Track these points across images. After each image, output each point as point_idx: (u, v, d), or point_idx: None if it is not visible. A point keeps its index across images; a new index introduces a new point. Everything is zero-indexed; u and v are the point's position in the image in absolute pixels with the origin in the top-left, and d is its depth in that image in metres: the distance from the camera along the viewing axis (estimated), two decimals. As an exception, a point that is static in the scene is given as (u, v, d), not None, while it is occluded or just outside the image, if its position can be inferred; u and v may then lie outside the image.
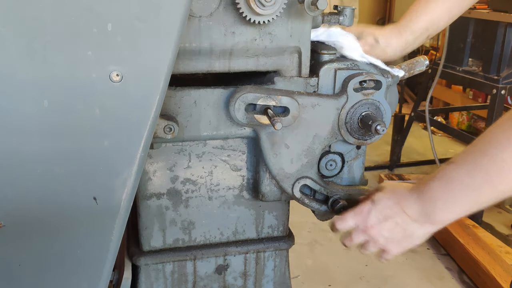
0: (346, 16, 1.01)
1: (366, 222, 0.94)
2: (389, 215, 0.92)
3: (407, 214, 0.89)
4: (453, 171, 0.82)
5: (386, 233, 0.93)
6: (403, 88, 4.80)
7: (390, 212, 0.91)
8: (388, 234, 0.93)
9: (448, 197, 0.83)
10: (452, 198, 0.83)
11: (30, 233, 0.80)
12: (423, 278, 2.67)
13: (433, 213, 0.86)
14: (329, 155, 1.08)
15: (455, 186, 0.82)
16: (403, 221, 0.90)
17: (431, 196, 0.85)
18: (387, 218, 0.92)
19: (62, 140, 0.75)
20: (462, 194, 0.81)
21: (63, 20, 0.68)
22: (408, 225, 0.90)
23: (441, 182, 0.83)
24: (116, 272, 1.17)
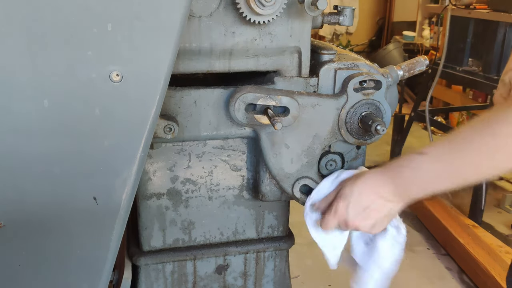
0: (346, 16, 1.01)
1: (347, 217, 0.96)
2: (366, 204, 0.94)
3: (382, 197, 0.93)
4: (426, 164, 0.87)
5: (368, 220, 0.96)
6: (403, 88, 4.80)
7: (366, 200, 0.94)
8: (370, 220, 0.96)
9: (423, 185, 0.90)
10: (426, 186, 0.89)
11: (30, 233, 0.80)
12: (423, 278, 2.67)
13: (407, 196, 0.92)
14: (329, 155, 1.08)
15: (429, 177, 0.88)
16: (380, 205, 0.94)
17: (406, 183, 0.91)
18: (365, 208, 0.94)
19: (62, 140, 0.75)
20: (435, 183, 0.88)
21: (63, 20, 0.68)
22: (385, 207, 0.94)
23: (414, 172, 0.89)
24: (116, 272, 1.17)
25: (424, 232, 3.16)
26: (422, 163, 0.88)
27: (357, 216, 0.95)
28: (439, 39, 4.26)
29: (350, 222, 0.96)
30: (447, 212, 3.10)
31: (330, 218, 0.98)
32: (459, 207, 3.34)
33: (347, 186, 0.97)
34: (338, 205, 0.96)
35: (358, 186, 0.95)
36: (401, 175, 0.91)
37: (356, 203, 0.94)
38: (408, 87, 6.01)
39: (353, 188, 0.95)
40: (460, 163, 0.83)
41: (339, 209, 0.96)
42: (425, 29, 6.30)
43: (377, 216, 0.95)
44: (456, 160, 0.83)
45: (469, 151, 0.82)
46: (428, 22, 6.34)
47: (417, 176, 0.89)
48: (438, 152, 0.87)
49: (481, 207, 3.12)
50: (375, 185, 0.94)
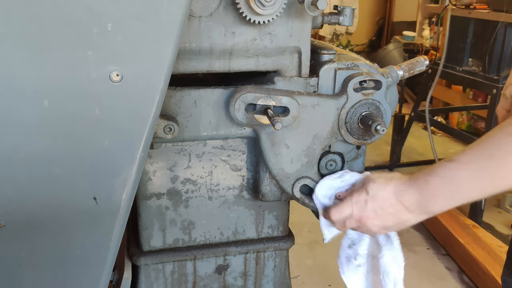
0: (346, 16, 1.01)
1: (362, 213, 0.95)
2: (386, 207, 0.92)
3: (404, 206, 0.91)
4: (457, 171, 0.84)
5: (380, 221, 0.94)
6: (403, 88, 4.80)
7: (387, 204, 0.92)
8: (382, 222, 0.94)
9: (450, 195, 0.86)
10: (454, 196, 0.86)
11: (30, 233, 0.80)
12: (423, 278, 2.67)
13: (432, 207, 0.89)
14: (329, 155, 1.08)
15: (459, 186, 0.84)
16: (398, 212, 0.92)
17: (432, 193, 0.87)
18: (383, 209, 0.93)
19: (62, 140, 0.75)
20: (465, 193, 0.85)
21: (63, 20, 0.68)
22: (403, 215, 0.92)
23: (444, 180, 0.85)
24: (116, 272, 1.17)
25: (424, 232, 3.16)
26: (451, 170, 0.84)
27: (372, 216, 0.93)
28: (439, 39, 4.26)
29: (364, 218, 0.94)
30: (447, 212, 3.10)
31: (346, 206, 0.96)
32: (459, 207, 3.34)
33: (375, 184, 0.95)
34: (360, 197, 0.95)
35: (386, 189, 0.93)
36: (428, 185, 0.87)
37: (378, 204, 0.93)
38: (408, 87, 6.01)
39: (380, 189, 0.93)
40: (493, 168, 0.80)
41: (360, 201, 0.95)
42: (425, 29, 6.30)
43: (391, 222, 0.93)
44: (489, 165, 0.81)
45: (503, 155, 0.79)
46: (428, 22, 6.34)
47: (445, 184, 0.85)
48: (468, 158, 0.84)
49: (481, 207, 3.13)
50: (400, 191, 0.91)
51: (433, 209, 0.89)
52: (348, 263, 1.03)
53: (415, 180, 0.90)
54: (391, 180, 0.94)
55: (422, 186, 0.88)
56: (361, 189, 0.96)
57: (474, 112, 4.71)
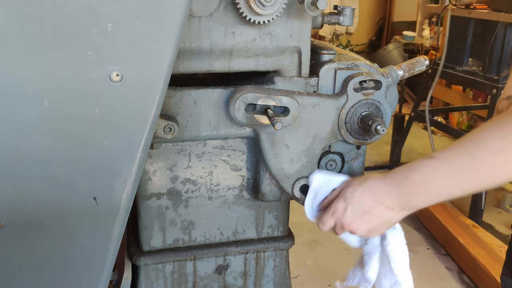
0: (346, 16, 1.01)
1: (343, 220, 0.94)
2: (365, 209, 0.92)
3: (384, 205, 0.90)
4: (437, 169, 0.83)
5: (365, 225, 0.94)
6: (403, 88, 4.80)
7: (366, 206, 0.92)
8: (367, 225, 0.94)
9: (430, 192, 0.86)
10: (435, 192, 0.85)
11: (30, 233, 0.80)
12: (423, 278, 2.67)
13: (412, 203, 0.89)
14: (329, 155, 1.08)
15: (439, 183, 0.84)
16: (380, 211, 0.91)
17: (412, 190, 0.87)
18: (364, 212, 0.92)
19: (62, 140, 0.75)
20: (445, 190, 0.84)
21: (63, 20, 0.68)
22: (385, 214, 0.91)
23: (423, 177, 0.85)
24: (116, 272, 1.17)
25: (424, 232, 3.16)
26: (431, 166, 0.84)
27: (354, 220, 0.93)
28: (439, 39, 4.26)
29: (346, 225, 0.94)
30: (447, 212, 3.10)
31: (327, 217, 0.97)
32: (459, 207, 3.34)
33: (350, 188, 0.95)
34: (338, 205, 0.95)
35: (360, 190, 0.92)
36: (407, 181, 0.87)
37: (356, 207, 0.93)
38: (408, 87, 6.01)
39: (355, 191, 0.93)
40: (474, 166, 0.79)
41: (338, 209, 0.95)
42: (425, 29, 6.31)
43: (376, 222, 0.93)
44: (469, 163, 0.80)
45: (483, 154, 0.78)
46: (428, 22, 6.34)
47: (425, 181, 0.85)
48: (449, 155, 0.83)
49: (481, 207, 3.13)
50: (377, 191, 0.91)
51: (414, 205, 0.89)
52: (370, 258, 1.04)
53: (392, 177, 0.90)
54: (365, 180, 0.93)
55: (401, 183, 0.88)
56: (339, 196, 0.96)
57: (474, 112, 4.71)
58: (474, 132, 0.83)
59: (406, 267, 0.99)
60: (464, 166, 0.81)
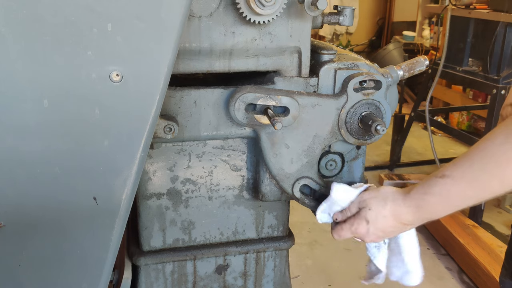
0: (346, 16, 1.01)
1: (364, 238, 0.99)
2: (386, 230, 0.96)
3: (402, 223, 0.95)
4: (451, 187, 0.87)
5: (382, 238, 1.00)
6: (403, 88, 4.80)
7: (387, 227, 0.96)
8: (383, 238, 1.00)
9: (447, 209, 0.90)
10: (451, 208, 0.89)
11: (30, 233, 0.80)
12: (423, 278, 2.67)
13: (429, 219, 0.93)
14: (329, 155, 1.08)
15: (455, 200, 0.88)
16: (399, 228, 0.97)
17: (430, 210, 0.91)
18: (384, 231, 0.97)
19: (62, 140, 0.75)
20: (460, 205, 0.88)
21: (63, 20, 0.68)
22: (402, 229, 0.98)
23: (440, 198, 0.88)
24: (116, 272, 1.17)
25: (424, 232, 3.16)
26: (446, 187, 0.87)
27: (375, 238, 0.98)
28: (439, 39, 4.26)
29: (366, 239, 0.99)
30: (447, 212, 3.10)
31: (346, 232, 1.00)
32: (459, 207, 3.34)
33: (372, 210, 0.96)
34: (360, 227, 0.97)
35: (383, 214, 0.95)
36: (427, 203, 0.90)
37: (378, 229, 0.96)
38: (408, 87, 6.02)
39: (378, 215, 0.95)
40: (485, 178, 0.83)
41: (359, 230, 0.98)
42: (425, 29, 6.31)
43: (393, 234, 0.99)
44: (481, 177, 0.83)
45: (492, 167, 0.82)
46: (428, 22, 6.34)
47: (443, 201, 0.89)
48: (460, 172, 0.86)
49: (481, 207, 3.12)
50: (400, 214, 0.94)
51: (430, 220, 0.93)
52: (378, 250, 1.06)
53: (410, 199, 0.93)
54: (386, 202, 0.95)
55: (419, 204, 0.91)
56: (359, 217, 0.98)
57: (474, 112, 4.71)
58: (481, 144, 0.86)
59: (416, 258, 1.03)
60: (475, 180, 0.84)
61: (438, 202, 0.89)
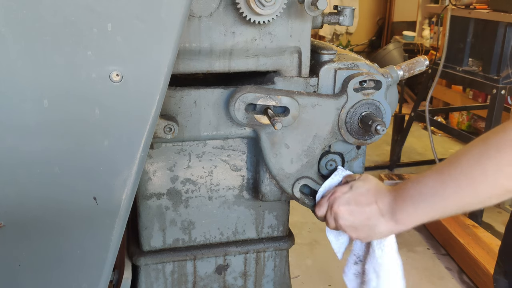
0: (346, 16, 1.01)
1: (336, 200, 0.97)
2: (360, 202, 0.95)
3: (378, 206, 0.92)
4: (428, 178, 0.86)
5: (351, 217, 0.96)
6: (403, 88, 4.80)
7: (363, 199, 0.94)
8: (352, 218, 0.96)
9: (418, 201, 0.87)
10: (421, 202, 0.86)
11: (30, 233, 0.80)
12: (423, 278, 2.67)
13: (399, 212, 0.90)
14: (329, 155, 1.08)
15: (427, 191, 0.85)
16: (371, 212, 0.93)
17: (403, 196, 0.89)
18: (357, 203, 0.95)
19: (62, 140, 0.75)
20: (431, 200, 0.85)
21: (63, 20, 0.68)
22: (373, 217, 0.93)
23: (415, 186, 0.87)
24: (116, 272, 1.17)
25: (424, 232, 3.16)
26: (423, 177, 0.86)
27: (345, 206, 0.96)
28: (439, 39, 4.26)
29: (336, 207, 0.97)
30: (447, 212, 3.10)
31: (325, 199, 1.00)
32: (459, 207, 3.34)
33: (361, 181, 0.98)
34: (341, 188, 0.98)
35: (367, 186, 0.96)
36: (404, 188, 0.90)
37: (355, 196, 0.95)
38: (408, 87, 6.02)
39: (364, 184, 0.96)
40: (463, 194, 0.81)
41: (338, 191, 0.98)
42: (425, 29, 6.31)
43: (361, 220, 0.95)
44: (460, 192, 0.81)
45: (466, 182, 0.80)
46: (428, 22, 6.34)
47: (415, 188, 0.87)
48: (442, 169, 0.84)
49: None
50: (380, 193, 0.93)
51: (400, 215, 0.89)
52: (356, 279, 1.05)
53: (397, 185, 0.92)
54: (377, 183, 0.96)
55: (398, 190, 0.91)
56: (344, 185, 0.99)
57: (474, 112, 4.71)
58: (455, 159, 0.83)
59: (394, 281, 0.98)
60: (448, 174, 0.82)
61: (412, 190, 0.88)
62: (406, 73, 1.08)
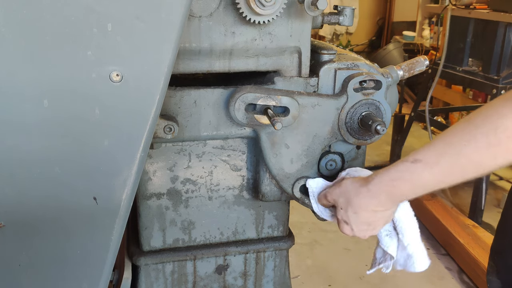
0: (346, 16, 1.01)
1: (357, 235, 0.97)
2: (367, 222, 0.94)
3: (379, 211, 0.92)
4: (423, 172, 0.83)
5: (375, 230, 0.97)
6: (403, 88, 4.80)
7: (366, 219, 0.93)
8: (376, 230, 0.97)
9: (418, 193, 0.87)
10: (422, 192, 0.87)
11: (30, 233, 0.80)
12: (423, 278, 2.67)
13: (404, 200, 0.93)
14: (329, 155, 1.08)
15: (427, 185, 0.85)
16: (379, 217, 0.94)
17: (401, 195, 0.89)
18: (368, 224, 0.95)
19: (62, 140, 0.75)
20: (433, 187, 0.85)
21: (63, 20, 0.68)
22: (384, 216, 0.94)
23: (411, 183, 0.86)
24: (116, 272, 1.17)
25: (424, 232, 3.16)
26: (417, 171, 0.83)
27: (365, 233, 0.96)
28: (439, 39, 4.26)
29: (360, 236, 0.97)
30: (447, 212, 3.10)
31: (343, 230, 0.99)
32: (459, 207, 3.34)
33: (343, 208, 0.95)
34: (345, 228, 0.97)
35: (354, 210, 0.93)
36: (397, 189, 0.88)
37: (360, 224, 0.94)
38: (408, 87, 6.01)
39: (350, 212, 0.94)
40: (460, 165, 0.79)
41: (347, 231, 0.97)
42: (425, 29, 6.31)
43: (381, 224, 0.96)
44: (455, 163, 0.79)
45: (469, 151, 0.78)
46: (428, 22, 6.34)
47: (414, 185, 0.86)
48: (433, 157, 0.82)
49: (481, 207, 3.12)
50: (368, 205, 0.91)
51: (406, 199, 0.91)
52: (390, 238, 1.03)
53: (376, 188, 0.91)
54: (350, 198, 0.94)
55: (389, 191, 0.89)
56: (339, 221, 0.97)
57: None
58: (458, 126, 0.81)
59: (416, 239, 0.99)
60: (451, 166, 0.81)
61: (409, 187, 0.86)
62: (406, 73, 1.08)
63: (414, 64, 1.09)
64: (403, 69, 1.08)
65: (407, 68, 1.09)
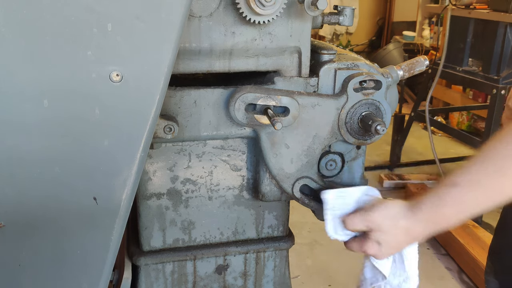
0: (346, 16, 1.01)
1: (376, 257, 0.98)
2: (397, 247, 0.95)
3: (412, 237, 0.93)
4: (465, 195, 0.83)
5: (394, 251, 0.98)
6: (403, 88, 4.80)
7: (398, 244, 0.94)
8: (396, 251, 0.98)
9: (461, 218, 0.86)
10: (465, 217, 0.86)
11: (30, 233, 0.80)
12: (423, 278, 2.65)
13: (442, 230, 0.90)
14: (329, 155, 1.08)
15: (469, 209, 0.84)
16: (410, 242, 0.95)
17: (444, 222, 0.88)
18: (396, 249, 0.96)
19: (62, 140, 0.75)
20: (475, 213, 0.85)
21: (63, 20, 0.68)
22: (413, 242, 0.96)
23: (454, 208, 0.85)
24: (116, 272, 1.17)
25: (424, 232, 3.16)
26: (459, 195, 0.83)
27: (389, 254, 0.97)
28: (439, 39, 4.26)
29: (378, 258, 0.98)
30: (447, 212, 3.10)
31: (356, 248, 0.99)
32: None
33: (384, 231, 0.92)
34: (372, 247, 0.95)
35: (396, 232, 0.92)
36: (441, 216, 0.87)
37: (391, 247, 0.94)
38: (408, 87, 6.02)
39: (390, 235, 0.92)
40: (500, 181, 0.79)
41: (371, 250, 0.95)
42: (425, 29, 6.31)
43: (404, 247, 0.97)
44: (495, 180, 0.79)
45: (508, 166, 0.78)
46: (428, 22, 6.35)
47: (457, 211, 0.85)
48: (472, 178, 0.82)
49: (481, 207, 3.12)
50: (412, 230, 0.90)
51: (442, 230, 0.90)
52: None
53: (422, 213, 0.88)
54: (397, 221, 0.91)
55: (432, 218, 0.88)
56: (370, 240, 0.95)
57: (474, 112, 4.71)
58: (490, 146, 0.81)
59: (416, 265, 1.02)
60: (489, 184, 0.80)
61: (452, 213, 0.85)
62: (406, 73, 1.08)
63: (414, 64, 1.09)
64: (403, 69, 1.08)
65: (407, 68, 1.08)
